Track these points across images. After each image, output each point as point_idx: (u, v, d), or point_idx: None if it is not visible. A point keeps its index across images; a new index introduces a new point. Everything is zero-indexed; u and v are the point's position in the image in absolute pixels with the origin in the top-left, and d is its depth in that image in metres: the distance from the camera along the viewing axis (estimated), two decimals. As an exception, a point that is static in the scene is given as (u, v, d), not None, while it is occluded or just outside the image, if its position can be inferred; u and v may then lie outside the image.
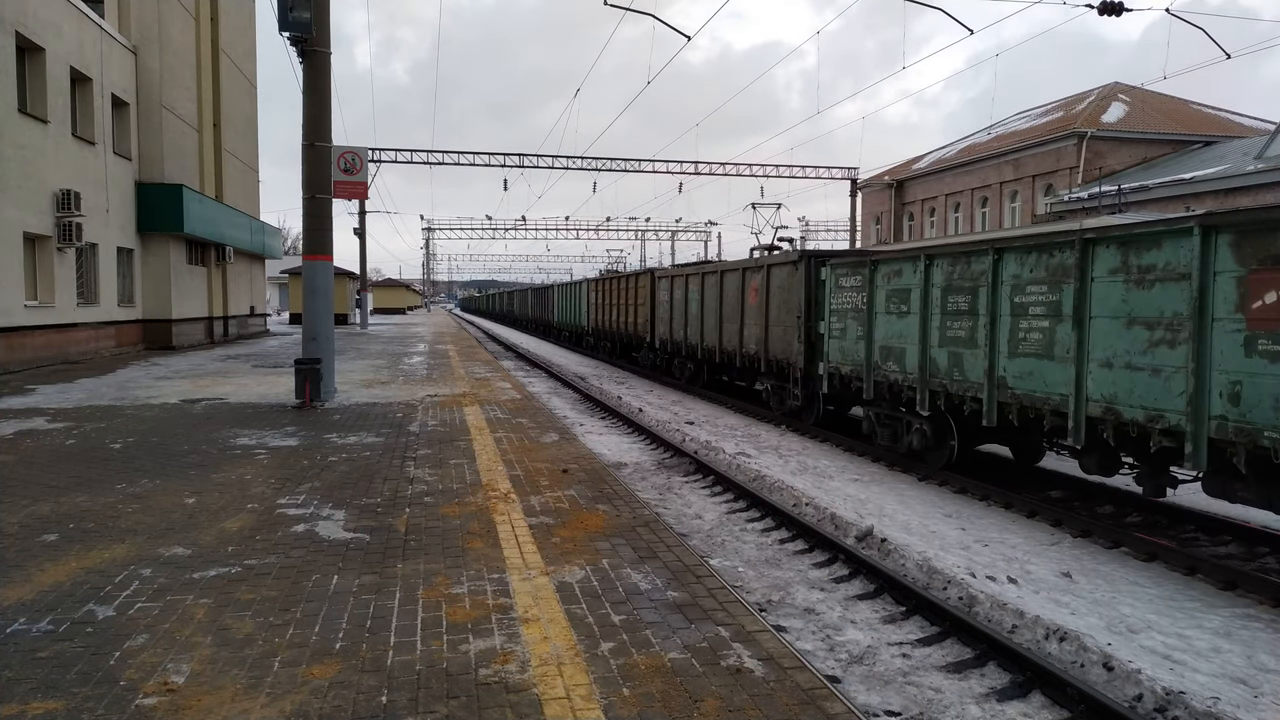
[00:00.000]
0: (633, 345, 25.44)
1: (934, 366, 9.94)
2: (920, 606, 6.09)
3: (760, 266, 15.26)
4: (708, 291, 17.93)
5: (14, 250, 16.79)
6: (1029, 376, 8.42)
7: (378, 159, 37.71)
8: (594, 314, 30.51)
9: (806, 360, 13.36)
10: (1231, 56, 17.37)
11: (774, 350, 14.65)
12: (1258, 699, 4.71)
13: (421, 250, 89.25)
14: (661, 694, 3.55)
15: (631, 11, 16.74)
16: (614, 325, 27.19)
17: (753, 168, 40.81)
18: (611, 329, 27.65)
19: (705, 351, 18.21)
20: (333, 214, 13.55)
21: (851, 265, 12.01)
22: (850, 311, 11.87)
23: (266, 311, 37.73)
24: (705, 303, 18.06)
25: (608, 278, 29.01)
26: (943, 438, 10.21)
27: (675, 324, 20.21)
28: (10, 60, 16.56)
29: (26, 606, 4.44)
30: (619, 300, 26.45)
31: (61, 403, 12.43)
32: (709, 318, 17.82)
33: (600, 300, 29.35)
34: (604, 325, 28.85)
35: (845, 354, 12.04)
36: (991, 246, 8.91)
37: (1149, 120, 31.98)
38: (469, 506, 6.62)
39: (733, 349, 16.53)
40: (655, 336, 22.07)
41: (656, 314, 21.86)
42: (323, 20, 12.46)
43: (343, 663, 3.80)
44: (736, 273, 16.46)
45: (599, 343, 30.56)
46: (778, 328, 14.47)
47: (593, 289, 30.76)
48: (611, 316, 27.51)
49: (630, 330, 25.06)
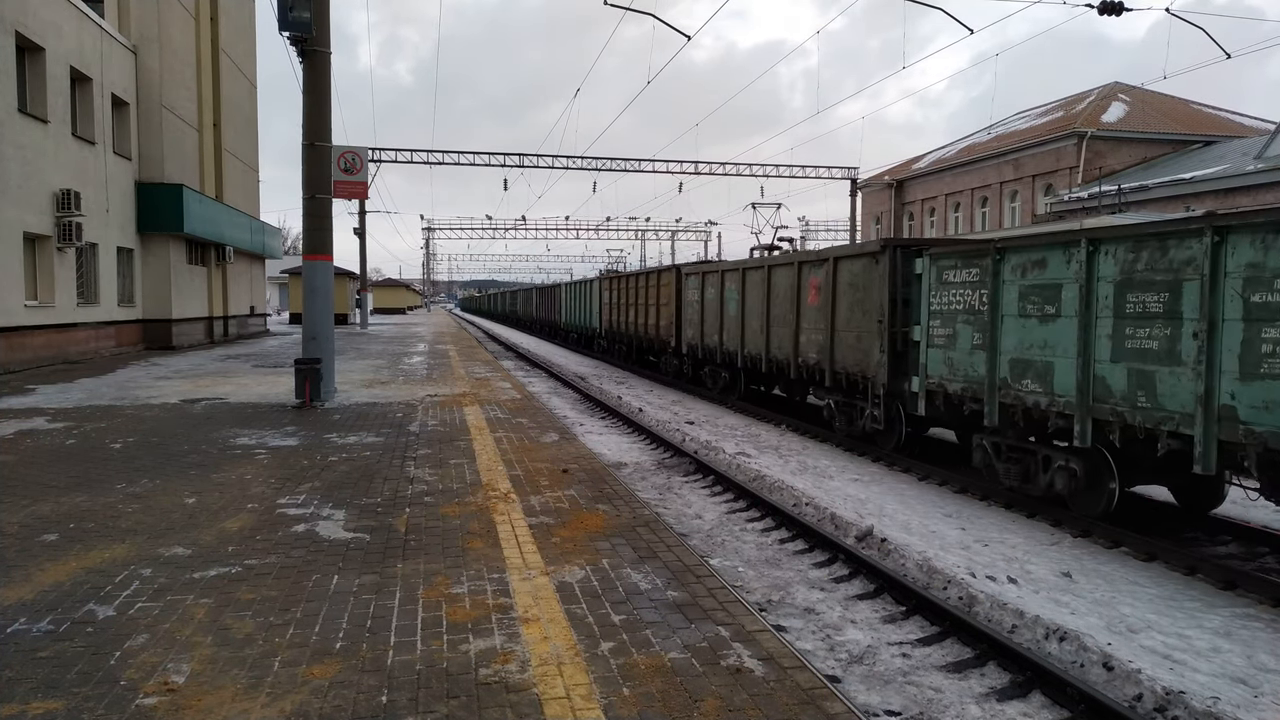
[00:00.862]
0: (653, 350, 23.24)
1: (1102, 388, 7.53)
2: (920, 606, 6.09)
3: (823, 260, 12.92)
4: (750, 290, 15.64)
5: (14, 250, 16.79)
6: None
7: (378, 159, 37.72)
8: (607, 315, 28.05)
9: (891, 374, 10.90)
10: (1231, 56, 17.38)
11: (843, 360, 12.29)
12: (1258, 699, 4.71)
13: (421, 250, 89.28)
14: (661, 694, 3.55)
15: (632, 11, 16.75)
16: (631, 328, 24.78)
17: (752, 167, 40.83)
18: (628, 332, 25.25)
19: (747, 359, 15.84)
20: (333, 214, 13.55)
21: (964, 255, 9.52)
22: (961, 314, 9.43)
23: (266, 311, 37.74)
24: (747, 303, 15.74)
25: (624, 275, 26.54)
26: (1098, 478, 7.95)
27: (708, 327, 17.86)
28: (10, 60, 16.56)
29: (27, 606, 4.44)
30: (637, 300, 24.00)
31: (61, 403, 12.43)
32: (752, 320, 15.56)
33: (615, 300, 26.86)
34: (619, 327, 26.45)
35: (954, 367, 9.54)
36: (1209, 225, 6.62)
37: (1149, 120, 31.97)
38: (469, 506, 6.62)
39: (784, 357, 14.27)
40: (682, 341, 19.69)
41: (684, 316, 19.51)
42: (323, 20, 12.46)
43: (343, 662, 3.80)
44: (789, 268, 14.13)
45: (613, 346, 28.35)
46: (848, 333, 12.15)
47: (606, 288, 28.34)
48: (628, 318, 25.06)
49: (650, 333, 22.71)
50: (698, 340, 18.54)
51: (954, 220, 38.19)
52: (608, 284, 28.24)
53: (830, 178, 41.63)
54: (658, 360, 22.95)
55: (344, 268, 42.71)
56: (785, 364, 14.27)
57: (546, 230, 70.52)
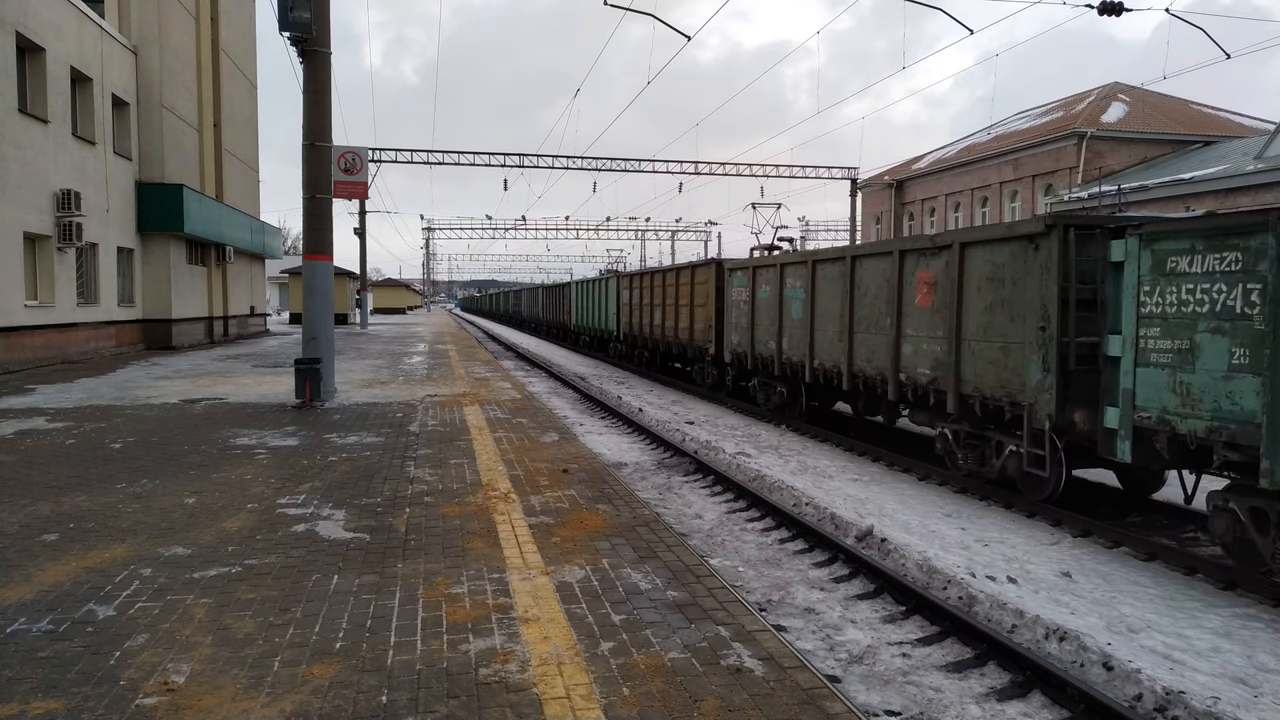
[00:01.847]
0: (683, 356, 20.67)
1: None
2: (920, 606, 6.09)
3: (941, 249, 9.96)
4: (823, 288, 12.89)
5: (14, 250, 16.79)
6: None
7: (378, 159, 37.72)
8: (627, 316, 25.33)
9: (1061, 402, 8.04)
10: (1231, 56, 17.39)
11: (976, 379, 9.25)
12: (1258, 699, 4.71)
13: (421, 250, 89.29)
14: (661, 694, 3.55)
15: (632, 11, 16.76)
16: (656, 331, 22.11)
17: (752, 168, 40.84)
18: (652, 335, 22.56)
19: (818, 372, 13.06)
20: (333, 214, 13.56)
21: (1210, 234, 6.71)
22: (1207, 318, 6.63)
23: (266, 311, 37.74)
24: (819, 304, 13.00)
25: (648, 272, 23.70)
26: None
27: (761, 332, 15.07)
28: (10, 60, 16.56)
29: (26, 606, 4.44)
30: (664, 300, 21.30)
31: (61, 402, 12.43)
32: (826, 325, 12.80)
33: (637, 300, 24.09)
34: (641, 330, 23.73)
35: (1193, 396, 6.72)
36: None
37: (1149, 120, 31.97)
38: (469, 506, 6.62)
39: (875, 372, 11.37)
40: (725, 348, 16.85)
41: (727, 318, 16.69)
42: (323, 20, 12.47)
43: (343, 662, 3.80)
44: (883, 259, 11.21)
45: (632, 351, 25.52)
46: (986, 344, 9.10)
47: (626, 286, 25.48)
48: (652, 320, 22.52)
49: (681, 338, 20.07)
50: (745, 347, 15.68)
51: (954, 220, 38.19)
52: (627, 282, 25.40)
53: (830, 178, 41.66)
54: (689, 369, 20.31)
55: (344, 268, 42.73)
56: (876, 381, 11.34)
57: (546, 230, 70.58)
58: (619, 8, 16.71)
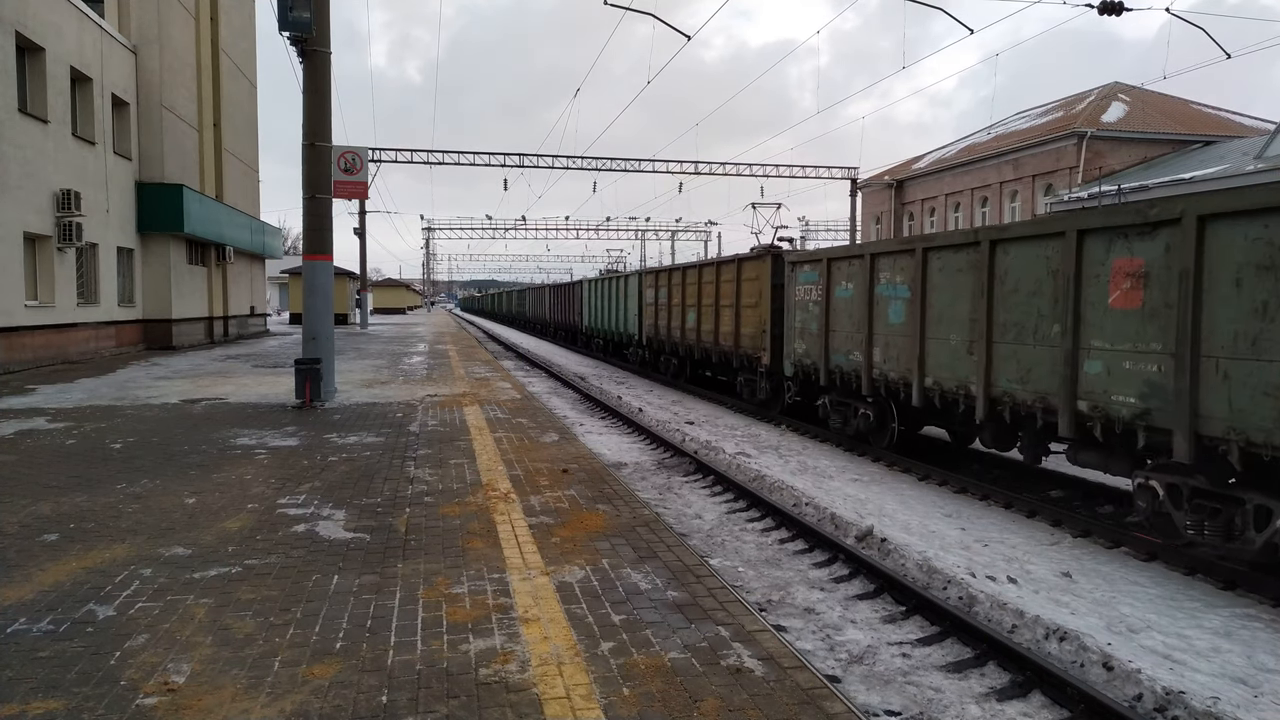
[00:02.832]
0: (724, 366, 18.15)
1: None
2: (920, 606, 6.09)
3: (1157, 225, 7.06)
4: (941, 283, 9.91)
5: (14, 250, 16.79)
6: None
7: (378, 159, 37.71)
8: (651, 318, 22.56)
9: None
10: (1231, 56, 17.39)
11: (1239, 419, 6.30)
12: (1258, 699, 4.71)
13: (421, 250, 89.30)
14: (661, 694, 3.55)
15: (632, 11, 16.76)
16: (689, 336, 19.36)
17: (753, 167, 40.83)
18: (683, 341, 19.77)
19: (931, 394, 10.06)
20: (333, 214, 13.56)
21: None
22: None
23: (266, 311, 37.74)
24: (933, 305, 10.05)
25: (681, 267, 20.82)
26: None
27: (839, 340, 12.20)
28: (10, 60, 16.56)
29: (27, 606, 4.44)
30: (701, 300, 18.51)
31: (61, 403, 12.44)
32: (943, 332, 9.81)
33: (664, 299, 21.26)
34: (669, 335, 20.90)
35: None
36: None
37: (1149, 120, 31.97)
38: (469, 506, 6.62)
39: (1033, 397, 8.43)
40: (784, 358, 14.13)
41: (788, 322, 13.93)
42: (323, 20, 12.47)
43: (343, 662, 3.80)
44: (1049, 242, 8.32)
45: (657, 358, 22.76)
46: (1261, 366, 6.17)
47: (651, 284, 22.70)
48: (683, 323, 19.73)
49: (723, 344, 17.19)
50: (815, 358, 12.89)
51: (954, 220, 38.19)
52: (652, 279, 22.62)
53: (830, 178, 41.65)
54: (732, 381, 17.62)
55: (344, 268, 42.73)
56: (1036, 408, 8.38)
57: (546, 230, 70.58)
58: (619, 7, 16.71)
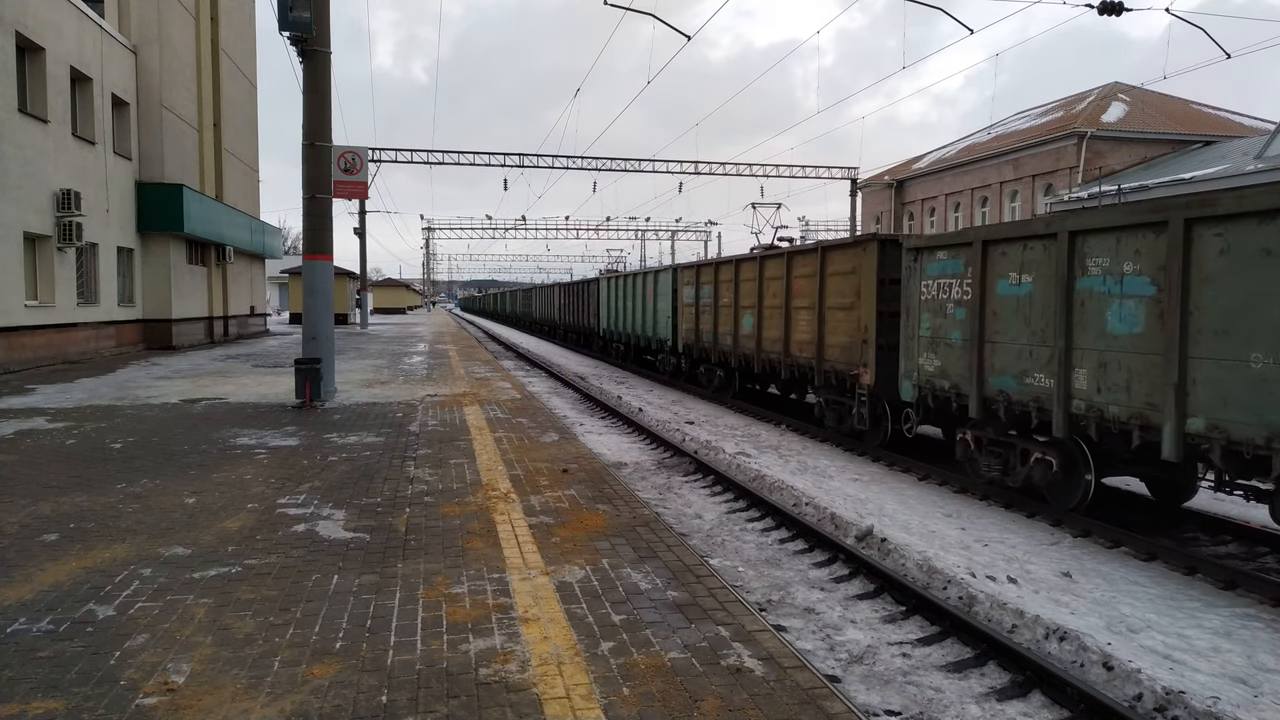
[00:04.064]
0: (795, 382, 14.57)
1: None
2: (920, 606, 6.09)
3: None
4: (1252, 268, 6.21)
5: (14, 250, 16.79)
6: None
7: (378, 159, 37.71)
8: (690, 321, 19.03)
9: None
10: (1231, 56, 17.39)
11: None
12: (1258, 699, 4.71)
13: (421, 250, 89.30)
14: (661, 693, 3.55)
15: (632, 11, 16.75)
16: (744, 344, 15.80)
17: (753, 167, 40.82)
18: (736, 349, 16.16)
19: (1209, 444, 6.57)
20: (333, 214, 13.56)
21: None
22: None
23: (266, 311, 37.73)
24: (1205, 306, 6.58)
25: (732, 260, 16.73)
26: None
27: (1006, 354, 8.82)
28: (10, 60, 16.56)
29: (26, 606, 4.44)
30: (763, 299, 14.93)
31: (61, 403, 12.43)
32: (1251, 344, 6.19)
33: (709, 299, 17.79)
34: (715, 342, 17.42)
35: None
36: None
37: (1149, 120, 31.97)
38: (469, 506, 6.62)
39: None
40: (909, 376, 10.52)
41: (913, 329, 10.44)
42: (323, 20, 12.47)
43: (343, 662, 3.80)
44: None
45: (695, 369, 19.15)
46: None
47: (691, 280, 19.07)
48: (736, 328, 16.18)
49: (797, 355, 13.76)
50: (960, 379, 9.49)
51: (954, 220, 38.18)
52: (692, 275, 19.10)
53: (830, 178, 41.65)
54: (801, 400, 14.71)
55: (344, 268, 42.72)
56: None
57: (546, 230, 70.61)
58: (619, 7, 16.71)
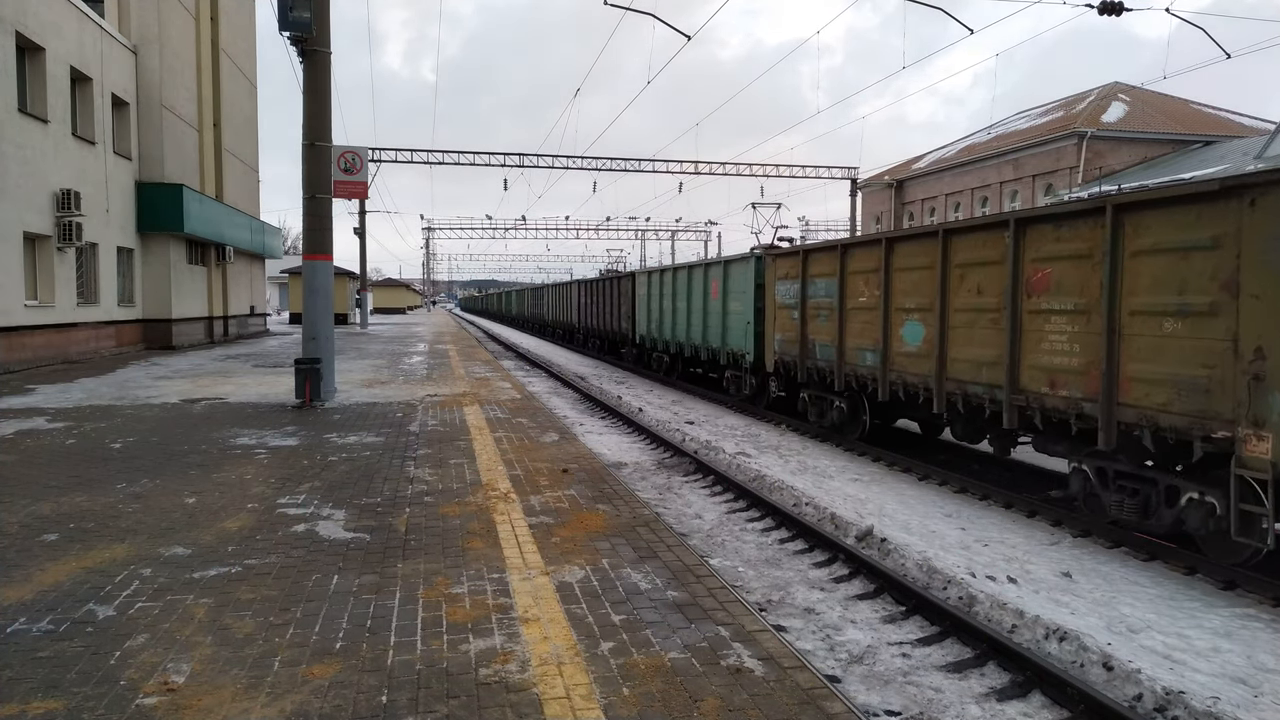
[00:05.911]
0: (1010, 429, 8.88)
1: None
2: (920, 606, 6.09)
3: None
4: None
5: (14, 250, 16.79)
6: None
7: (378, 159, 37.71)
8: (795, 330, 13.42)
9: None
10: (1231, 56, 17.39)
11: None
12: (1258, 699, 4.71)
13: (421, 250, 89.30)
14: (661, 694, 3.55)
15: (632, 11, 16.75)
16: (914, 365, 10.36)
17: (752, 167, 40.82)
18: (893, 374, 10.81)
19: None
20: (333, 214, 13.56)
21: None
22: None
23: (266, 311, 37.74)
24: None
25: (893, 236, 11.06)
26: None
27: None
28: (10, 60, 16.57)
29: (26, 606, 4.44)
30: (949, 297, 9.67)
31: (61, 402, 12.43)
32: None
33: (834, 299, 12.22)
34: (845, 359, 12.01)
35: None
36: None
37: (1149, 120, 31.98)
38: (469, 506, 6.62)
39: None
40: None
41: None
42: (323, 20, 12.47)
43: (343, 662, 3.80)
44: None
45: (805, 398, 13.63)
46: None
47: (795, 269, 13.41)
48: (897, 342, 10.73)
49: (1031, 388, 8.28)
50: None
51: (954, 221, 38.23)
52: (796, 263, 13.33)
53: (831, 178, 41.65)
54: (998, 446, 9.72)
55: (344, 267, 42.73)
56: None
57: (546, 230, 70.65)
58: (619, 7, 16.71)
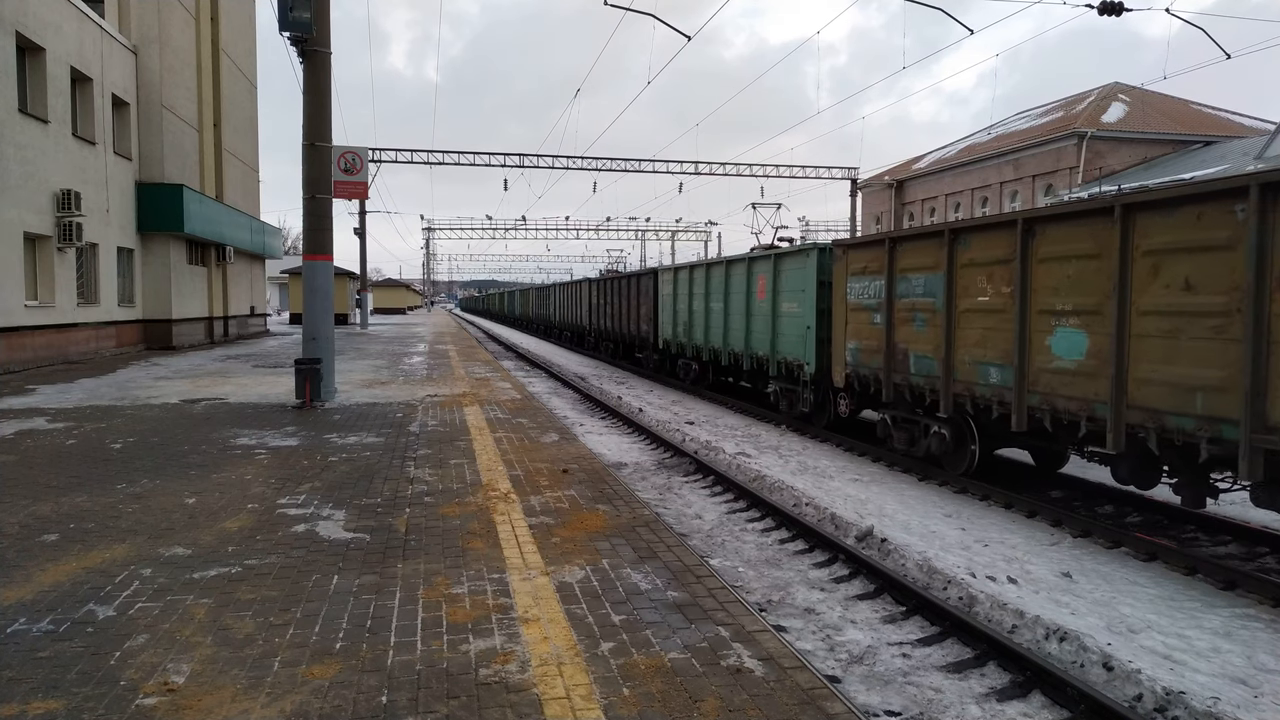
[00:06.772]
0: None
1: None
2: (920, 606, 6.09)
3: None
4: None
5: (14, 250, 16.79)
6: None
7: (379, 159, 37.71)
8: (878, 339, 10.95)
9: None
10: (1231, 56, 17.39)
11: None
12: (1258, 699, 4.71)
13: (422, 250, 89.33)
14: (661, 694, 3.55)
15: (631, 11, 16.75)
16: (1062, 386, 7.78)
17: (753, 167, 40.82)
18: (1029, 394, 8.21)
19: None
20: (333, 214, 13.56)
21: None
22: None
23: (266, 311, 37.73)
24: None
25: (1033, 216, 8.27)
26: None
27: None
28: (10, 60, 16.56)
29: (27, 606, 4.44)
30: (1128, 295, 7.05)
31: (62, 403, 12.43)
32: None
33: (935, 298, 9.68)
34: (953, 373, 9.42)
35: None
36: None
37: (1149, 120, 31.97)
38: (469, 506, 6.62)
39: None
40: None
41: None
42: (323, 20, 12.47)
43: (343, 663, 3.80)
44: None
45: (891, 420, 11.04)
46: None
47: (876, 262, 10.99)
48: (1035, 354, 8.14)
49: None
50: None
51: (954, 220, 38.22)
52: (874, 256, 11.10)
53: (831, 178, 41.65)
54: None
55: (344, 268, 42.72)
56: None
57: (546, 230, 70.62)
58: (619, 8, 16.71)
